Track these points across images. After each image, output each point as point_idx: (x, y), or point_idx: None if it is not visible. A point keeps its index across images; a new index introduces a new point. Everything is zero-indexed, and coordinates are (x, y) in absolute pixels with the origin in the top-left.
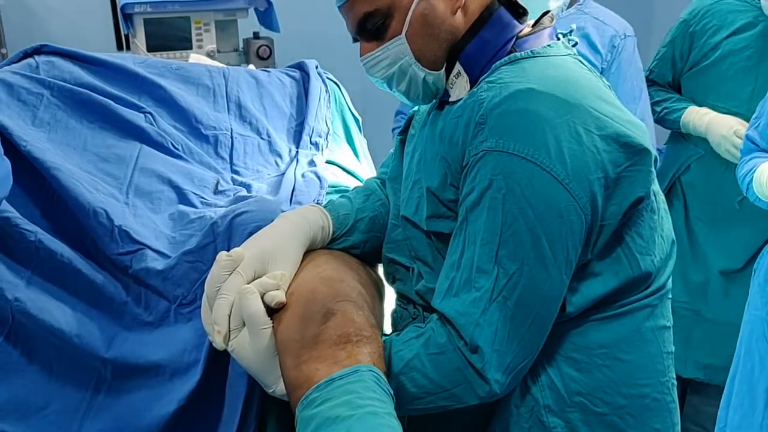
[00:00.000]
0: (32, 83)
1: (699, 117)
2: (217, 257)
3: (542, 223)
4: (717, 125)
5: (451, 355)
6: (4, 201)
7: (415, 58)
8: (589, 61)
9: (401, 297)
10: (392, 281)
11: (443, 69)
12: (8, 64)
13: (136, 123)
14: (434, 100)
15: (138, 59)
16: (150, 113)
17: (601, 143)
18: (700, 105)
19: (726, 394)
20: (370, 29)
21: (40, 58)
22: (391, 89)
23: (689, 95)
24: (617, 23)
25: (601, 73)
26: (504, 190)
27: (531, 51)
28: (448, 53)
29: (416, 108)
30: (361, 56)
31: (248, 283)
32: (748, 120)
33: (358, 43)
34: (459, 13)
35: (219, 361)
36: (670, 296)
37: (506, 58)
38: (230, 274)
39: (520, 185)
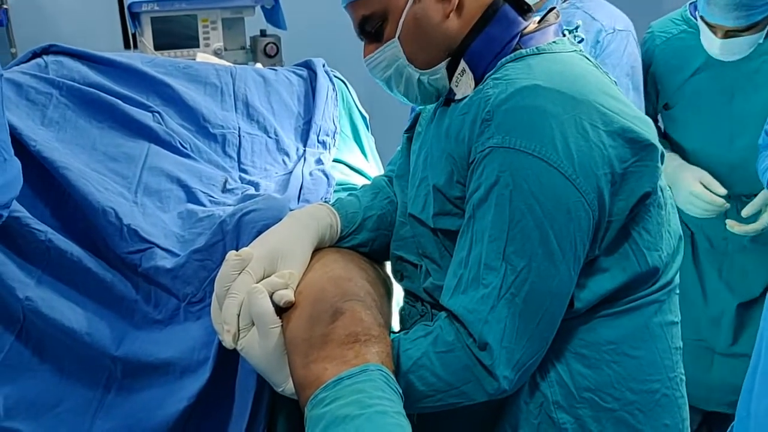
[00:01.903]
0: (41, 83)
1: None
2: (227, 256)
3: (550, 219)
4: (678, 180)
5: (459, 352)
6: (14, 201)
7: (408, 60)
8: None
9: (409, 294)
10: (400, 279)
11: (441, 69)
12: (17, 64)
13: (145, 122)
14: (440, 99)
15: (146, 58)
16: (158, 112)
17: (607, 139)
18: (680, 147)
19: (746, 385)
20: (369, 31)
21: (49, 58)
22: (391, 91)
23: (672, 134)
24: (607, 18)
25: None
26: (511, 186)
27: (536, 47)
28: (446, 55)
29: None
30: (364, 57)
31: (257, 283)
32: (733, 162)
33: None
34: (453, 17)
35: (229, 358)
36: (678, 291)
37: (511, 54)
38: (239, 273)
39: (527, 181)
